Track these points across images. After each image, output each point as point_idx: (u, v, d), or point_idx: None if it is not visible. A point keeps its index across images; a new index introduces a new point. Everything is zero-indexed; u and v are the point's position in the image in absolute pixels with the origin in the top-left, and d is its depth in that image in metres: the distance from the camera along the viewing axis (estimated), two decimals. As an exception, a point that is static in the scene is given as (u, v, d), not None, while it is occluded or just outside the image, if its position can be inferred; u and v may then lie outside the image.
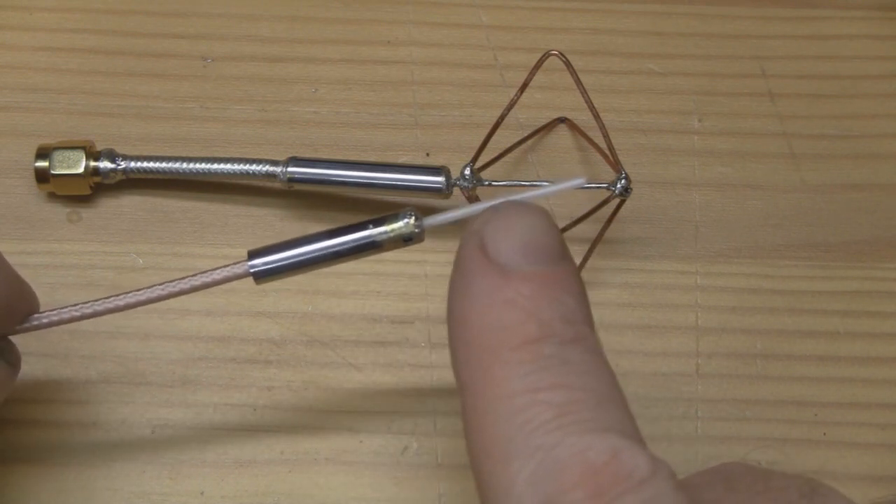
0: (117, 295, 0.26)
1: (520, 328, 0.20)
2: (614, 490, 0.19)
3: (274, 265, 0.25)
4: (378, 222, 0.25)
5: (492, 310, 0.21)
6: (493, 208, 0.22)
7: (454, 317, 0.21)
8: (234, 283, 0.33)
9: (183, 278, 0.26)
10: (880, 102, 0.38)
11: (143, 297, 0.26)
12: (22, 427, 0.32)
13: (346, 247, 0.25)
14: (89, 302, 0.26)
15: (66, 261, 0.34)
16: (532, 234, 0.21)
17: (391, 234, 0.25)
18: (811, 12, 0.39)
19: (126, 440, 0.32)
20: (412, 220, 0.25)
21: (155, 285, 0.26)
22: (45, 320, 0.27)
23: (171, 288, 0.26)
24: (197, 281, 0.26)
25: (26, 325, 0.27)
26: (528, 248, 0.21)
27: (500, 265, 0.21)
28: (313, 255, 0.25)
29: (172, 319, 0.33)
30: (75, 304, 0.26)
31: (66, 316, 0.26)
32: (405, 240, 0.25)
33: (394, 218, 0.25)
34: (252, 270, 0.25)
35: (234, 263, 0.25)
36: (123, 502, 0.31)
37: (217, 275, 0.26)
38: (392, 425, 0.32)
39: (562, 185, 0.24)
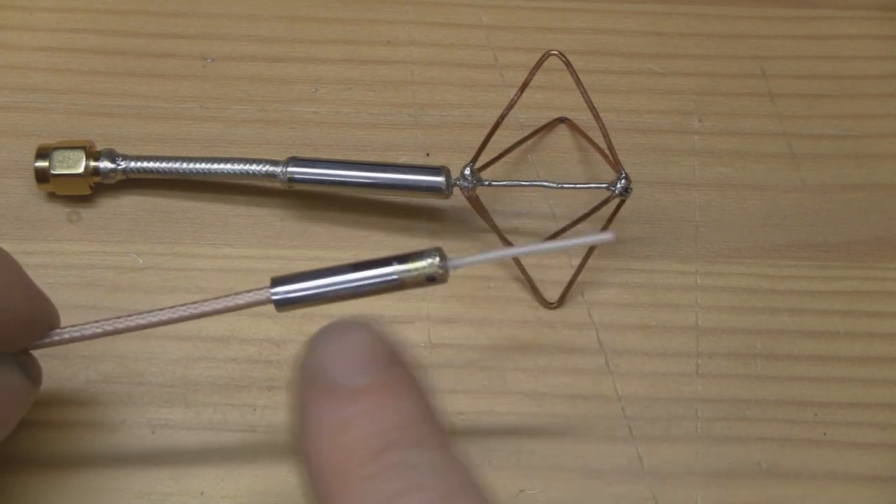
0: (139, 313, 0.26)
1: (361, 445, 0.20)
2: None
3: (295, 295, 0.25)
4: (402, 259, 0.25)
5: (331, 435, 0.20)
6: (319, 332, 0.22)
7: (301, 450, 0.21)
8: (235, 283, 0.33)
9: (205, 300, 0.26)
10: (880, 102, 0.38)
11: (164, 317, 0.26)
12: (22, 427, 0.32)
13: (369, 283, 0.25)
14: (111, 319, 0.26)
15: (66, 261, 0.34)
16: (358, 348, 0.21)
17: (415, 273, 0.25)
18: (811, 12, 0.39)
19: (126, 440, 0.32)
20: (437, 260, 0.24)
21: (177, 306, 0.26)
22: (66, 336, 0.27)
23: (192, 309, 0.26)
24: (219, 304, 0.26)
25: (47, 339, 0.27)
26: (355, 363, 0.21)
27: (329, 388, 0.21)
28: (336, 288, 0.25)
29: (172, 319, 0.33)
30: (97, 321, 0.27)
31: (87, 332, 0.26)
32: (428, 279, 0.25)
33: (418, 256, 0.25)
34: (274, 298, 0.25)
35: (257, 290, 0.26)
36: (124, 503, 0.31)
37: (240, 300, 0.26)
38: (392, 425, 0.32)
39: (591, 237, 0.25)
